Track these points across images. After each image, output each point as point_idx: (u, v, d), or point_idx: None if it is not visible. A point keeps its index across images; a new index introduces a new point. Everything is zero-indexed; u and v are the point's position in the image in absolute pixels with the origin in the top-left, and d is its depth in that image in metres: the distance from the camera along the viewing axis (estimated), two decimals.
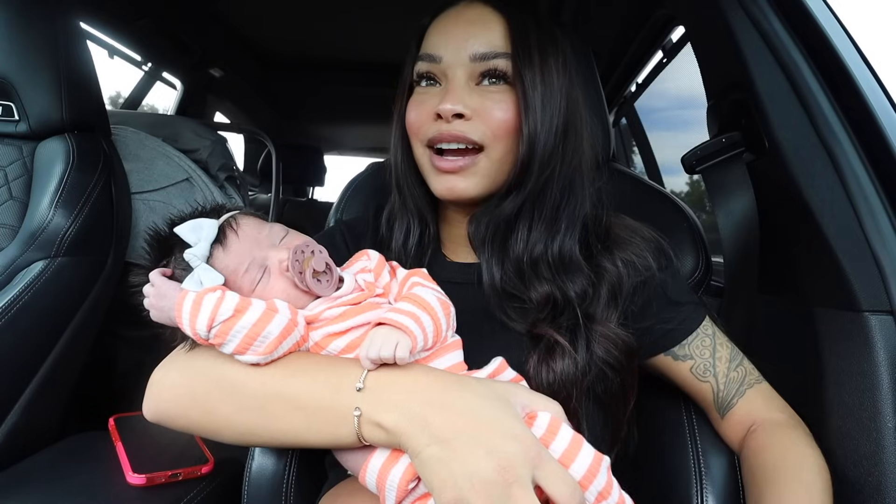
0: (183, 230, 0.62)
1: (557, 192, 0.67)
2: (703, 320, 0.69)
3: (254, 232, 0.64)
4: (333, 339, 0.59)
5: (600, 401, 0.64)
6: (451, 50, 0.66)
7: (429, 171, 0.69)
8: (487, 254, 0.69)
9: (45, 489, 0.84)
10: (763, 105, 0.72)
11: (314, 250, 0.62)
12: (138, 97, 2.13)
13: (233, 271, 0.61)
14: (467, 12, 0.68)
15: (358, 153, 3.81)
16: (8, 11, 1.05)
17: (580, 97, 0.70)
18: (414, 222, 0.75)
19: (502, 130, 0.65)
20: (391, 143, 0.75)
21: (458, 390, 0.52)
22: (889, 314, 0.62)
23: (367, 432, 0.52)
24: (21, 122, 1.09)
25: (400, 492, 0.51)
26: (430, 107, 0.66)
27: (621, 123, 2.29)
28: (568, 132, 0.67)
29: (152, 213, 1.32)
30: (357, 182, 0.97)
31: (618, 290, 0.66)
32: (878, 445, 0.60)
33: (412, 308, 0.56)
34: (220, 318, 0.54)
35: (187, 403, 0.59)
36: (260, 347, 0.55)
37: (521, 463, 0.46)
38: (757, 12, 0.73)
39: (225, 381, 0.57)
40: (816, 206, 0.67)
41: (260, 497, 0.76)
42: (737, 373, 0.68)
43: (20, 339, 0.99)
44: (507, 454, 0.46)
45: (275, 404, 0.55)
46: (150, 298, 0.60)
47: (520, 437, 0.48)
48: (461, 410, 0.50)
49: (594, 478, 0.49)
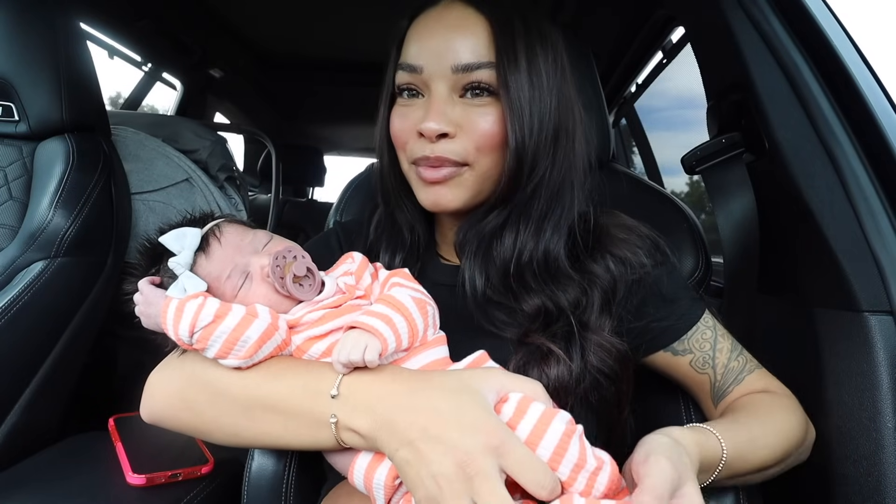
0: (167, 239, 0.63)
1: (545, 201, 0.65)
2: (702, 314, 0.69)
3: (236, 239, 0.65)
4: (314, 343, 0.60)
5: (594, 409, 0.63)
6: (433, 59, 0.62)
7: (416, 183, 0.67)
8: (471, 263, 0.67)
9: (44, 489, 0.84)
10: (763, 105, 0.72)
11: (296, 255, 0.63)
12: (138, 98, 2.13)
13: (215, 278, 0.63)
14: (447, 16, 0.63)
15: (358, 153, 3.81)
16: (8, 12, 1.05)
17: (573, 93, 0.67)
18: (403, 235, 0.73)
19: (487, 145, 0.62)
20: (376, 149, 0.72)
21: (423, 390, 0.52)
22: (889, 314, 0.62)
23: (346, 437, 0.53)
24: (21, 122, 1.09)
25: (387, 489, 0.52)
26: (414, 121, 0.64)
27: (621, 124, 2.29)
28: (559, 136, 0.64)
29: (152, 213, 1.32)
30: (357, 182, 0.97)
31: (611, 294, 0.65)
32: (877, 445, 0.60)
33: (385, 310, 0.57)
34: (200, 324, 0.55)
35: (178, 405, 0.61)
36: (240, 352, 0.56)
37: (480, 455, 0.46)
38: (757, 13, 0.73)
39: (211, 385, 0.59)
40: (816, 206, 0.67)
41: (260, 497, 0.76)
42: (737, 362, 0.68)
43: (20, 340, 0.99)
44: (465, 448, 0.46)
45: (255, 409, 0.57)
46: (139, 306, 0.62)
47: (480, 428, 0.48)
48: (424, 409, 0.50)
49: (565, 452, 0.48)
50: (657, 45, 1.70)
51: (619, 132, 2.32)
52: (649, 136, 2.17)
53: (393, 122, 0.67)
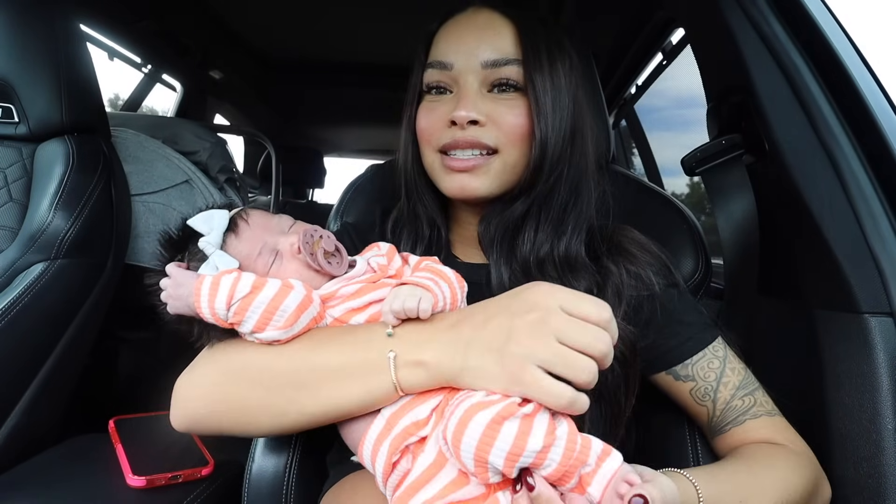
0: (195, 221, 0.64)
1: (565, 194, 0.68)
2: (711, 342, 0.67)
3: (262, 220, 0.67)
4: (354, 315, 0.61)
5: (602, 397, 0.64)
6: (463, 56, 0.67)
7: (439, 172, 0.70)
8: (496, 255, 0.70)
9: (45, 491, 0.84)
10: (763, 107, 0.72)
11: (322, 234, 0.64)
12: (138, 99, 2.13)
13: (246, 256, 0.63)
14: (476, 18, 0.69)
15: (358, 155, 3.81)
16: (8, 13, 1.05)
17: (585, 100, 0.71)
18: (423, 229, 0.76)
19: (516, 135, 0.66)
20: (400, 148, 0.75)
21: (474, 307, 0.56)
22: (889, 316, 0.62)
23: (405, 375, 0.53)
24: (21, 123, 1.09)
25: (386, 467, 0.52)
26: (443, 113, 0.67)
27: (621, 125, 2.29)
28: (575, 135, 0.68)
29: (152, 214, 1.32)
30: (357, 184, 0.97)
31: (621, 292, 0.66)
32: (877, 447, 0.60)
33: (430, 275, 0.60)
34: (238, 295, 0.55)
35: (217, 398, 0.60)
36: (279, 321, 0.56)
37: (539, 303, 0.50)
38: (756, 14, 0.73)
39: (251, 367, 0.58)
40: (816, 207, 0.67)
41: (260, 499, 0.76)
42: (741, 402, 0.65)
43: (20, 342, 0.99)
44: (524, 305, 0.50)
45: (305, 374, 0.56)
46: (168, 289, 0.60)
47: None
48: (482, 312, 0.53)
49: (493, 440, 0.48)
50: (657, 46, 1.70)
51: (618, 133, 2.32)
52: (649, 137, 2.17)
53: (420, 117, 0.70)
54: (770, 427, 0.64)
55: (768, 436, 0.63)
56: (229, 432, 0.62)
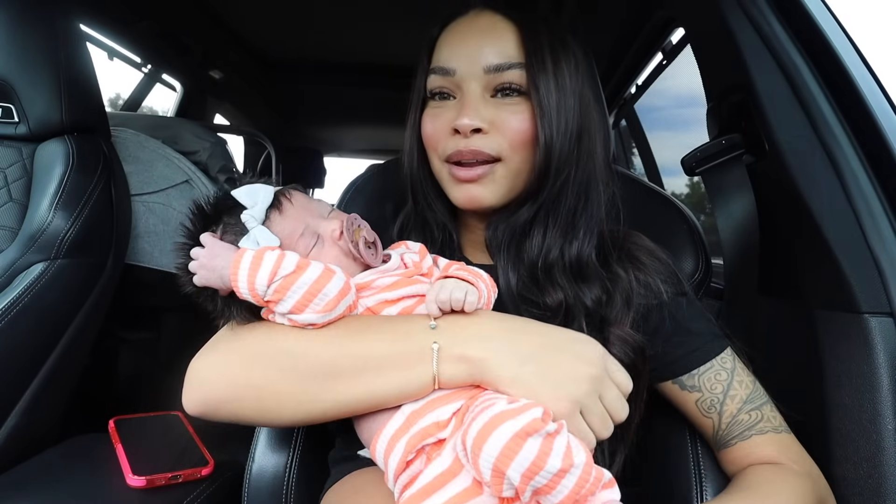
0: (239, 193, 0.63)
1: (573, 198, 0.68)
2: (720, 353, 0.67)
3: (305, 202, 0.66)
4: (386, 306, 0.61)
5: None
6: (465, 61, 0.66)
7: (448, 182, 0.69)
8: (503, 259, 0.69)
9: (45, 491, 0.84)
10: (763, 107, 0.72)
11: (361, 224, 0.65)
12: (138, 99, 2.13)
13: (288, 235, 0.62)
14: (478, 21, 0.67)
15: (358, 155, 3.82)
16: (8, 13, 1.05)
17: (591, 97, 0.70)
18: (433, 233, 0.75)
19: (519, 141, 0.65)
20: (405, 152, 0.74)
21: (525, 321, 0.59)
22: (889, 316, 0.62)
23: (446, 368, 0.53)
24: (21, 123, 1.09)
25: (400, 465, 0.52)
26: (447, 120, 0.66)
27: (621, 125, 2.29)
28: (582, 136, 0.67)
29: (152, 214, 1.32)
30: (357, 184, 0.97)
31: (631, 299, 0.66)
32: (877, 447, 0.60)
33: (468, 274, 0.60)
34: (282, 273, 0.54)
35: (242, 382, 0.57)
36: (319, 305, 0.55)
37: (598, 360, 0.55)
38: (756, 14, 0.73)
39: (285, 352, 0.56)
40: (816, 207, 0.67)
41: (260, 499, 0.76)
42: (748, 416, 0.64)
43: (20, 342, 0.99)
44: (587, 355, 0.54)
45: (343, 361, 0.55)
46: (201, 259, 0.58)
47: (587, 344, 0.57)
48: (538, 332, 0.57)
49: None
50: (657, 46, 1.70)
51: (618, 133, 2.32)
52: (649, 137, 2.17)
53: (425, 123, 0.70)
54: (776, 444, 0.63)
55: (774, 454, 0.63)
56: (246, 419, 0.59)
